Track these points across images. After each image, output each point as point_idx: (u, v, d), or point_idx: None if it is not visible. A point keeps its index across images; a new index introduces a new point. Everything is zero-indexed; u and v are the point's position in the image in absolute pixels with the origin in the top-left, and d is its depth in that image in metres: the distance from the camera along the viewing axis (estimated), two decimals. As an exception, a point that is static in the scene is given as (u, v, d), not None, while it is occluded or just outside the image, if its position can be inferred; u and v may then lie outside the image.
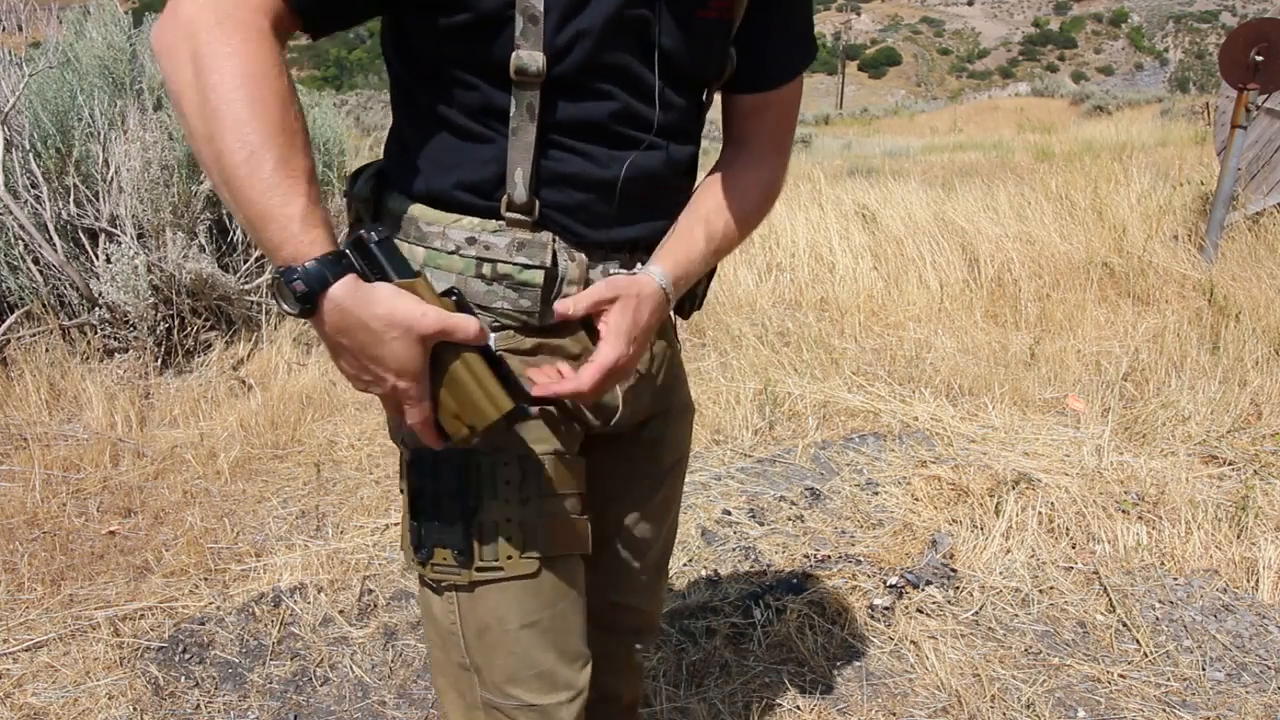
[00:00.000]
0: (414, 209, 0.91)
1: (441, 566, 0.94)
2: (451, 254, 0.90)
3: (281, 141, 0.74)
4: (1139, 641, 2.06)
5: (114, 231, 3.70)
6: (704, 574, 2.34)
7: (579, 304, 0.91)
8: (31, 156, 3.76)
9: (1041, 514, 2.48)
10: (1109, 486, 2.62)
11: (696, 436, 2.98)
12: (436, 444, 0.85)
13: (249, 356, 3.80)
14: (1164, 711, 1.85)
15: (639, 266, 0.95)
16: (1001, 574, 2.30)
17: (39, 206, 3.68)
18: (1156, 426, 3.01)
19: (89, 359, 3.57)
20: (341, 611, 2.21)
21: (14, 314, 3.60)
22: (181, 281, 3.64)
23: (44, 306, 3.63)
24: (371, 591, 2.29)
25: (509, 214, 0.90)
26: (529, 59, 0.83)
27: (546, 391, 0.89)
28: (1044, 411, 3.25)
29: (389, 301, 0.77)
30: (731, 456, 3.03)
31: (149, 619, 2.18)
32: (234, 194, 0.75)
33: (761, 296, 4.71)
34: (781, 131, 1.05)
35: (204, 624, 2.16)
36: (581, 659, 1.01)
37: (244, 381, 3.59)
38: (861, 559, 2.37)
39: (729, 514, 2.63)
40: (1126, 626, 2.11)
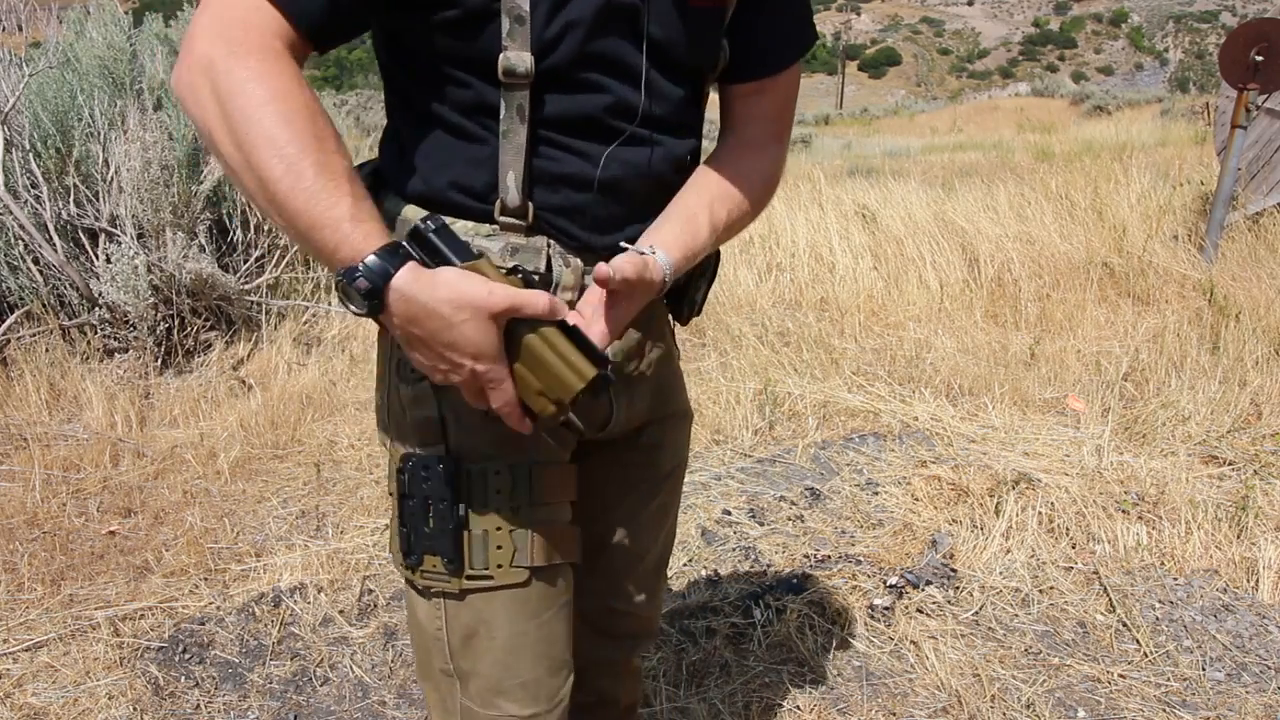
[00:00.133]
0: (408, 210, 0.90)
1: (431, 574, 0.93)
2: None
3: (316, 148, 0.74)
4: (1139, 641, 2.06)
5: (114, 231, 3.71)
6: (704, 574, 2.34)
7: (620, 272, 0.86)
8: (31, 156, 3.76)
9: (1041, 514, 2.48)
10: (1109, 486, 2.62)
11: (696, 436, 2.98)
12: (525, 427, 0.83)
13: (249, 356, 3.80)
14: (1164, 711, 1.85)
15: (648, 248, 0.91)
16: (1001, 574, 2.30)
17: (39, 206, 3.68)
18: (1156, 426, 3.01)
19: (89, 359, 3.58)
20: (341, 611, 2.21)
21: (14, 314, 3.60)
22: (181, 281, 3.64)
23: (44, 306, 3.63)
24: (371, 591, 2.29)
25: (503, 218, 0.89)
26: (516, 60, 0.82)
27: None
28: (1044, 411, 3.25)
29: (455, 284, 0.76)
30: (731, 456, 3.03)
31: (149, 619, 2.18)
32: (281, 211, 0.75)
33: (761, 296, 4.71)
34: (781, 119, 1.03)
35: (204, 624, 2.16)
36: (566, 668, 1.01)
37: (244, 381, 3.59)
38: (861, 559, 2.37)
39: (729, 514, 2.63)
40: (1126, 626, 2.11)
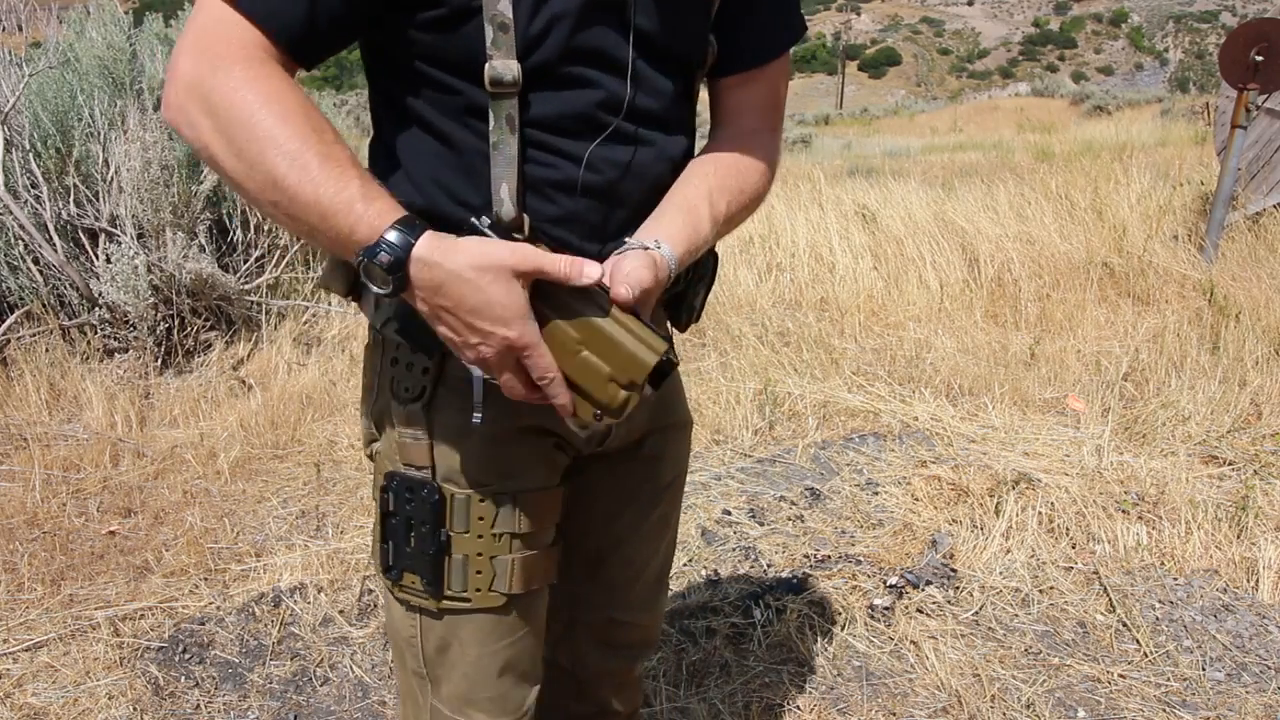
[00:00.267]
0: None
1: (410, 589, 0.94)
2: None
3: (317, 140, 0.74)
4: (1139, 641, 2.06)
5: (114, 231, 3.70)
6: (704, 574, 2.34)
7: (639, 285, 0.83)
8: (31, 156, 3.76)
9: (1041, 514, 2.48)
10: (1109, 486, 2.62)
11: (696, 436, 2.98)
12: (566, 399, 0.81)
13: (249, 356, 3.80)
14: (1164, 711, 1.85)
15: (652, 242, 0.86)
16: (1001, 574, 2.30)
17: (39, 206, 3.68)
18: (1156, 426, 3.01)
19: (89, 359, 3.58)
20: (341, 611, 2.21)
21: (14, 314, 3.60)
22: (181, 281, 3.64)
23: (44, 306, 3.63)
24: (371, 591, 2.29)
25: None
26: (503, 69, 0.81)
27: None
28: (1044, 411, 3.25)
29: (477, 246, 0.76)
30: (731, 456, 3.03)
31: (149, 619, 2.18)
32: (292, 205, 0.74)
33: (761, 296, 4.71)
34: (773, 109, 1.02)
35: (204, 624, 2.16)
36: (534, 680, 1.03)
37: (244, 381, 3.59)
38: (861, 559, 2.37)
39: (729, 514, 2.62)
40: (1126, 626, 2.11)
